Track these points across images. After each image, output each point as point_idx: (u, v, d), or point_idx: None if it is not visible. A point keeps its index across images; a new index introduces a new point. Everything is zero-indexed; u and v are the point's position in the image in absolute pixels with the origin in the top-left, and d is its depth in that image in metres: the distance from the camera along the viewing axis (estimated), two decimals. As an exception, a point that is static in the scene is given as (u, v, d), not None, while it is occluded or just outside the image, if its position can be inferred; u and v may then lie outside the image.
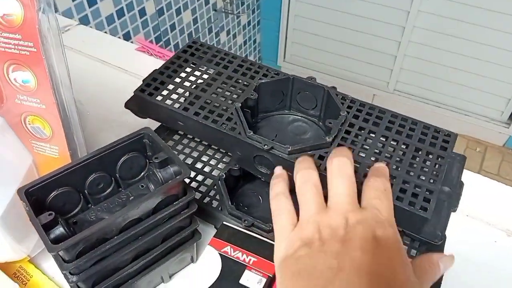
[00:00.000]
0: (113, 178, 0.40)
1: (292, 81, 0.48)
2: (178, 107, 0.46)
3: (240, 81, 0.49)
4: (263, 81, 0.48)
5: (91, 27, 1.27)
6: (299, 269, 0.29)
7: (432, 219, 0.38)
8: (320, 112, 0.49)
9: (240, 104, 0.45)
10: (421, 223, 0.38)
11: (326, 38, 2.12)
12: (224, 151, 0.52)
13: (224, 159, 0.51)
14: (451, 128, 0.46)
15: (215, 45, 1.89)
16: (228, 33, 1.99)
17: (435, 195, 0.38)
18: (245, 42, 2.18)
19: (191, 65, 0.52)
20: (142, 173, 0.42)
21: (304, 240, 0.30)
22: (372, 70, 2.13)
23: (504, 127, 1.97)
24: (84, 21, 1.24)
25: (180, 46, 1.67)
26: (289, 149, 0.41)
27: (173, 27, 1.61)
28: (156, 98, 0.47)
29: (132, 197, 0.41)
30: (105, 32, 1.32)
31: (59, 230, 0.34)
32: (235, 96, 0.47)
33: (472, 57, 1.86)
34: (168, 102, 0.47)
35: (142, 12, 1.44)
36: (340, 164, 0.33)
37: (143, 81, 0.50)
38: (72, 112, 0.39)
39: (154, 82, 0.49)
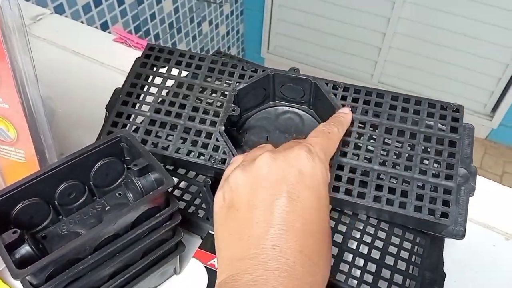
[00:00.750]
0: (86, 187, 0.36)
1: (272, 77, 0.44)
2: (157, 147, 0.41)
3: (215, 90, 0.44)
4: (240, 87, 0.43)
5: (66, 16, 1.20)
6: (228, 227, 0.30)
7: (452, 216, 0.35)
8: (310, 99, 0.44)
9: (223, 128, 0.40)
10: (443, 228, 0.36)
11: (310, 29, 2.09)
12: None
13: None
14: None
15: (196, 36, 1.85)
16: (210, 23, 1.93)
17: (454, 194, 0.36)
18: (227, 33, 2.13)
19: (155, 82, 0.45)
20: (120, 180, 0.38)
21: (228, 195, 0.31)
22: (357, 62, 2.11)
23: (487, 120, 1.98)
24: (59, 10, 1.17)
25: (161, 36, 1.62)
26: None
27: (153, 16, 1.55)
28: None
29: (108, 207, 0.37)
30: (81, 22, 1.26)
31: (25, 249, 0.30)
32: (214, 113, 0.42)
33: (456, 49, 1.85)
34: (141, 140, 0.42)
35: (121, 1, 1.38)
36: None
37: (106, 109, 0.44)
38: (39, 111, 0.35)
39: (120, 118, 0.43)
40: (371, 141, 0.40)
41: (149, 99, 0.44)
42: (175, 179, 0.45)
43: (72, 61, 0.66)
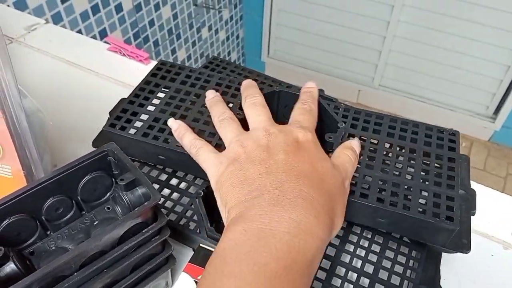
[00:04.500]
0: (74, 201, 0.36)
1: (278, 94, 0.44)
2: (158, 140, 0.41)
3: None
4: None
5: (64, 24, 1.20)
6: (233, 182, 0.33)
7: (457, 220, 0.35)
8: None
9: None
10: (447, 235, 0.35)
11: (310, 33, 2.08)
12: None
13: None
14: (436, 123, 0.44)
15: (196, 42, 1.85)
16: (210, 28, 1.93)
17: (457, 201, 0.35)
18: (227, 38, 2.13)
19: (163, 89, 0.47)
20: (108, 194, 0.37)
21: (232, 157, 0.35)
22: (357, 65, 2.10)
23: (490, 122, 1.97)
24: (56, 18, 1.18)
25: (160, 43, 1.62)
26: None
27: (152, 23, 1.55)
28: (130, 132, 0.42)
29: (97, 222, 0.37)
30: (80, 30, 1.26)
31: (9, 267, 0.30)
32: None
33: (457, 51, 1.84)
34: (144, 134, 0.42)
35: (119, 8, 1.38)
36: (251, 99, 0.40)
37: (110, 114, 0.45)
38: (23, 126, 0.35)
39: (124, 114, 0.44)
40: (372, 153, 0.40)
41: (156, 101, 0.46)
42: (167, 190, 0.44)
43: (66, 71, 0.66)
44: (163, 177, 0.45)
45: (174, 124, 0.41)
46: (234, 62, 2.30)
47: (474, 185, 0.52)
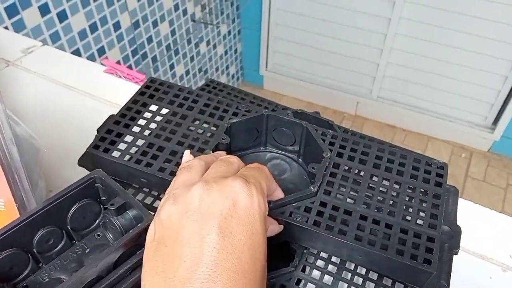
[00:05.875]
0: (64, 231, 0.35)
1: (266, 118, 0.44)
2: (140, 163, 0.41)
3: (208, 123, 0.45)
4: (234, 120, 0.43)
5: (62, 43, 1.21)
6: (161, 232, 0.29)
7: (435, 264, 0.35)
8: (300, 148, 0.45)
9: (210, 152, 0.41)
10: (425, 277, 0.34)
11: (308, 46, 2.09)
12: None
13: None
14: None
15: (194, 57, 1.86)
16: (208, 43, 1.95)
17: (437, 242, 0.35)
18: (225, 52, 2.14)
19: (150, 109, 0.47)
20: (97, 221, 0.37)
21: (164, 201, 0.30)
22: (355, 77, 2.11)
23: (489, 133, 1.97)
24: (54, 37, 1.18)
25: (158, 59, 1.63)
26: (270, 205, 0.36)
27: (150, 40, 1.56)
28: (113, 155, 0.42)
29: (88, 250, 0.37)
30: (78, 48, 1.27)
31: (4, 303, 0.29)
32: (204, 141, 0.43)
33: (455, 63, 1.85)
34: (127, 157, 0.42)
35: (117, 26, 1.39)
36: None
37: (97, 131, 0.45)
38: (14, 158, 0.34)
39: (109, 135, 0.44)
40: (356, 185, 0.39)
41: (142, 122, 0.45)
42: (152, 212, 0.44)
43: (62, 94, 0.66)
44: (149, 200, 0.45)
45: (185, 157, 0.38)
46: (236, 74, 2.31)
47: (471, 205, 0.52)
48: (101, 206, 0.37)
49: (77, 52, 1.27)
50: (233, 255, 0.27)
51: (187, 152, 0.38)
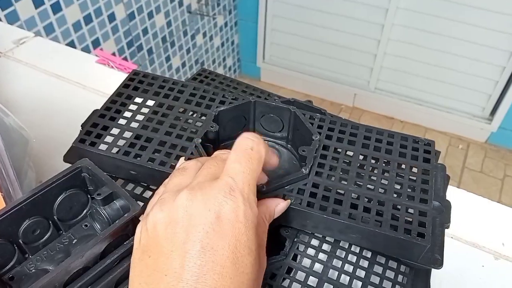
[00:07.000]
0: (50, 222, 0.35)
1: (254, 105, 0.44)
2: (128, 155, 0.40)
3: (195, 112, 0.44)
4: (222, 108, 0.43)
5: (56, 35, 1.20)
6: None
7: (429, 237, 0.35)
8: (288, 134, 0.45)
9: (200, 140, 0.40)
10: (419, 251, 0.35)
11: (305, 38, 2.08)
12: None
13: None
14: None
15: (190, 49, 1.85)
16: (204, 35, 1.93)
17: (430, 216, 0.35)
18: (222, 44, 2.13)
19: (135, 101, 0.46)
20: (84, 211, 0.37)
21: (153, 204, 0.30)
22: (353, 69, 2.10)
23: (486, 123, 1.96)
24: (48, 29, 1.17)
25: (154, 51, 1.62)
26: (263, 189, 0.36)
27: (145, 31, 1.55)
28: (100, 148, 0.41)
29: (76, 240, 0.36)
30: (72, 40, 1.26)
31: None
32: (192, 131, 0.42)
33: (452, 53, 1.84)
34: (115, 150, 0.41)
35: (112, 17, 1.38)
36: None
37: (82, 126, 0.44)
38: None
39: (95, 128, 0.43)
40: (346, 166, 0.39)
41: (127, 114, 0.45)
42: (141, 203, 0.44)
43: (54, 85, 0.66)
44: (138, 190, 0.44)
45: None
46: (233, 66, 2.30)
47: (465, 193, 0.52)
48: (88, 196, 0.37)
49: (71, 44, 1.26)
50: (214, 271, 0.26)
51: (182, 159, 0.38)
